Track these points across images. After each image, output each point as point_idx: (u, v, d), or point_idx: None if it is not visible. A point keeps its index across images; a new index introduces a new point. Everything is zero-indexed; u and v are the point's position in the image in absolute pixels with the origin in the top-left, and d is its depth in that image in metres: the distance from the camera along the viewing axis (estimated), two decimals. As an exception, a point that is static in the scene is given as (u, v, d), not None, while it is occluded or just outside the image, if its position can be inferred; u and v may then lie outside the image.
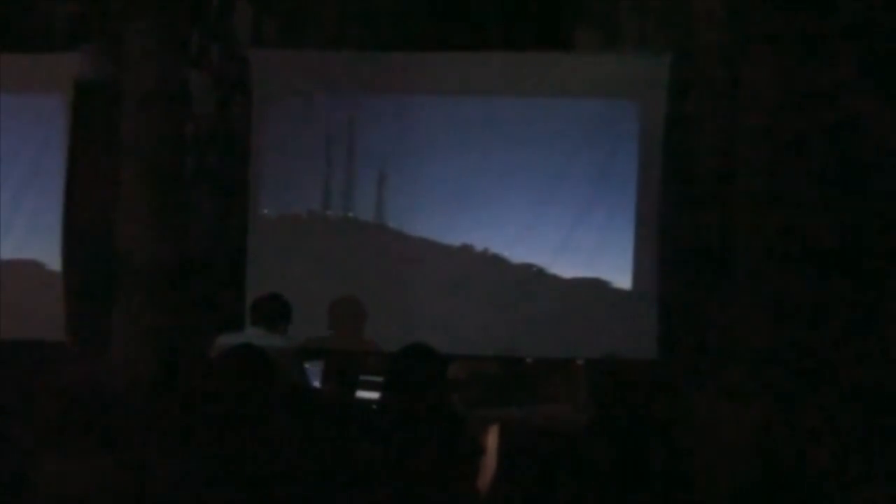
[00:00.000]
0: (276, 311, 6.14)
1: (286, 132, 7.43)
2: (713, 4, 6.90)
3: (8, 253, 7.46)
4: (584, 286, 7.26)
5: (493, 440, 4.32)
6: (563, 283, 7.27)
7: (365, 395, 5.81)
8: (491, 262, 7.32)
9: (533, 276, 7.28)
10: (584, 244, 7.23)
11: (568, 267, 7.27)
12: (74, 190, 7.53)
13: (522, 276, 7.28)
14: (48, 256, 7.48)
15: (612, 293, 7.24)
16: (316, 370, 6.23)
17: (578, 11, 7.76)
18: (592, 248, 7.24)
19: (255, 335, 5.81)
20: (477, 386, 6.49)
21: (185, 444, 3.81)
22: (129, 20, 6.97)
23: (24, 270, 7.43)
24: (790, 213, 6.64)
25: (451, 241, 7.34)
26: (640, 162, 7.23)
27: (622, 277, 7.28)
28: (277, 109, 7.45)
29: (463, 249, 7.34)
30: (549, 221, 7.26)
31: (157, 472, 3.68)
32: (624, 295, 7.24)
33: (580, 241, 7.24)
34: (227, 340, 5.69)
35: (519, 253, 7.30)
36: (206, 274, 7.67)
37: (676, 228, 7.21)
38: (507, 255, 7.31)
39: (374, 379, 5.77)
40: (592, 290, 7.24)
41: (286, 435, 3.91)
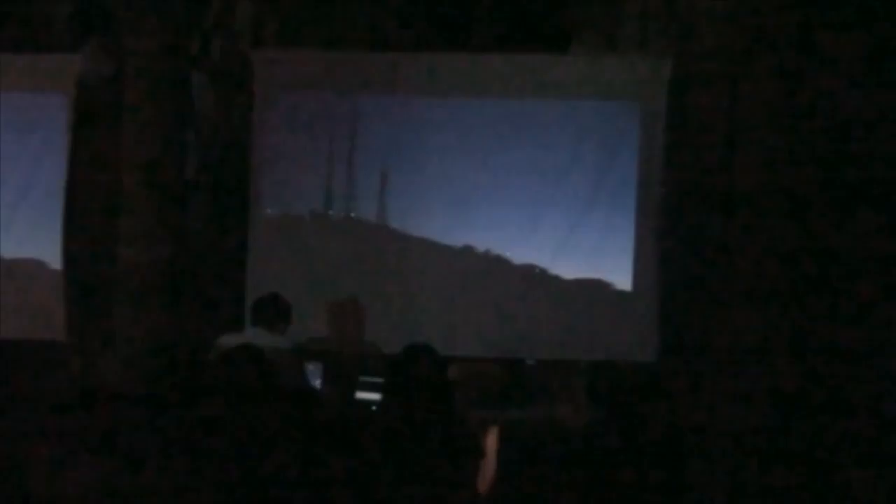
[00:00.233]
0: (276, 311, 6.15)
1: (287, 132, 7.43)
2: (713, 5, 6.89)
3: (8, 252, 7.46)
4: (584, 287, 7.25)
5: (492, 441, 4.31)
6: (563, 284, 7.27)
7: (365, 396, 5.81)
8: (491, 262, 7.31)
9: (533, 276, 7.27)
10: (584, 245, 7.23)
11: (568, 268, 7.26)
12: (75, 190, 7.53)
13: (523, 276, 7.28)
14: (49, 256, 7.48)
15: (612, 294, 7.24)
16: (316, 371, 6.23)
17: (579, 13, 7.75)
18: (592, 249, 7.23)
19: (255, 335, 5.81)
20: (477, 387, 6.48)
21: (184, 444, 3.81)
22: (129, 20, 6.98)
23: (24, 270, 7.43)
24: (790, 213, 6.65)
25: (451, 241, 7.34)
26: (640, 163, 7.23)
27: (622, 278, 7.27)
28: (278, 110, 7.45)
29: (463, 250, 7.33)
30: (549, 222, 7.26)
31: (156, 472, 3.68)
32: (624, 296, 7.24)
33: (580, 242, 7.23)
34: (227, 341, 5.69)
35: (519, 253, 7.30)
36: (206, 274, 7.66)
37: (677, 229, 7.20)
38: (507, 255, 7.31)
39: (373, 380, 5.77)
40: (592, 290, 7.24)
41: (286, 435, 3.91)
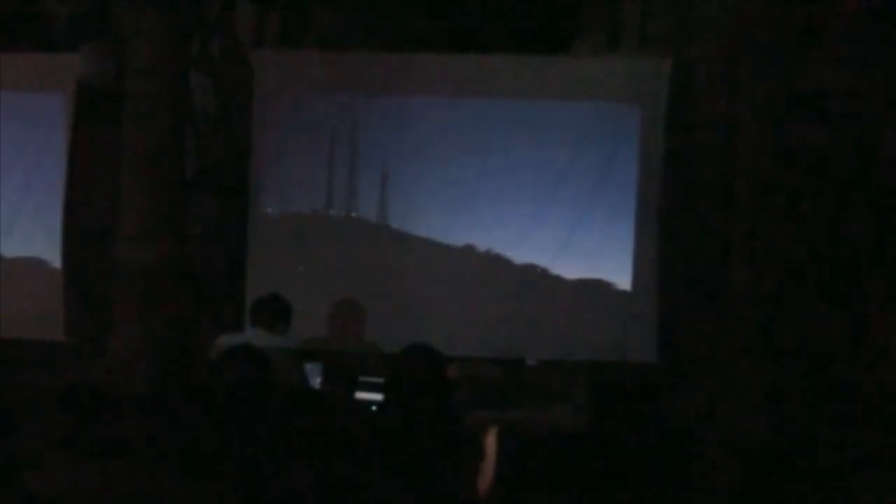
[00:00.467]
0: (275, 311, 6.14)
1: (287, 133, 7.44)
2: (713, 7, 6.90)
3: (9, 252, 7.46)
4: (583, 288, 7.26)
5: (491, 442, 4.31)
6: (563, 284, 7.28)
7: (365, 396, 5.81)
8: (492, 263, 7.32)
9: (533, 277, 7.28)
10: (584, 246, 7.24)
11: (568, 268, 7.27)
12: (75, 190, 7.53)
13: (523, 277, 7.29)
14: (49, 256, 7.48)
15: (611, 294, 7.25)
16: (316, 371, 6.23)
17: (580, 15, 7.77)
18: (593, 249, 7.24)
19: (254, 336, 5.81)
20: (476, 387, 6.48)
21: (183, 444, 3.81)
22: (129, 20, 6.98)
23: (25, 270, 7.43)
24: (790, 213, 6.65)
25: (451, 242, 7.34)
26: (640, 164, 7.24)
27: (622, 279, 7.28)
28: (278, 110, 7.46)
29: (464, 250, 7.34)
30: (549, 223, 7.27)
31: (155, 473, 3.68)
32: (624, 296, 7.25)
33: (581, 242, 7.24)
34: (226, 341, 5.69)
35: (519, 254, 7.31)
36: (206, 274, 7.67)
37: (676, 230, 7.21)
38: (507, 256, 7.32)
39: (373, 380, 5.77)
40: (592, 291, 7.25)
41: (286, 436, 3.91)
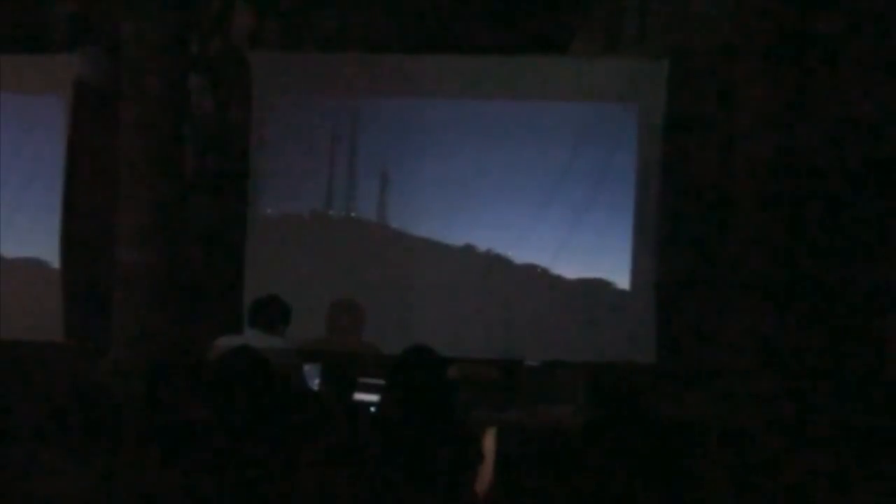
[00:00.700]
0: (274, 312, 6.12)
1: (285, 134, 7.44)
2: (711, 7, 6.90)
3: (8, 253, 7.45)
4: (582, 288, 7.26)
5: (490, 443, 4.32)
6: (561, 284, 7.28)
7: (363, 397, 5.80)
8: (491, 263, 7.32)
9: (532, 277, 7.28)
10: (583, 246, 7.24)
11: (567, 268, 7.27)
12: (73, 190, 7.53)
13: (522, 277, 7.29)
14: (48, 257, 7.48)
15: (609, 295, 7.25)
16: (314, 372, 6.22)
17: (577, 15, 7.76)
18: (591, 249, 7.24)
19: (253, 337, 5.79)
20: (475, 388, 6.48)
21: (182, 445, 3.81)
22: (128, 22, 6.98)
23: (24, 271, 7.43)
24: (788, 213, 6.66)
25: (451, 242, 7.34)
26: (638, 164, 7.24)
27: (621, 279, 7.28)
28: (277, 111, 7.46)
29: (462, 251, 7.34)
30: (548, 223, 7.27)
31: (154, 473, 3.68)
32: (622, 297, 7.25)
33: (579, 243, 7.24)
34: (225, 342, 5.68)
35: (518, 254, 7.31)
36: (204, 275, 7.66)
37: (675, 230, 7.21)
38: (506, 256, 7.32)
39: (372, 381, 5.77)
40: (590, 292, 7.25)
41: (284, 437, 3.91)
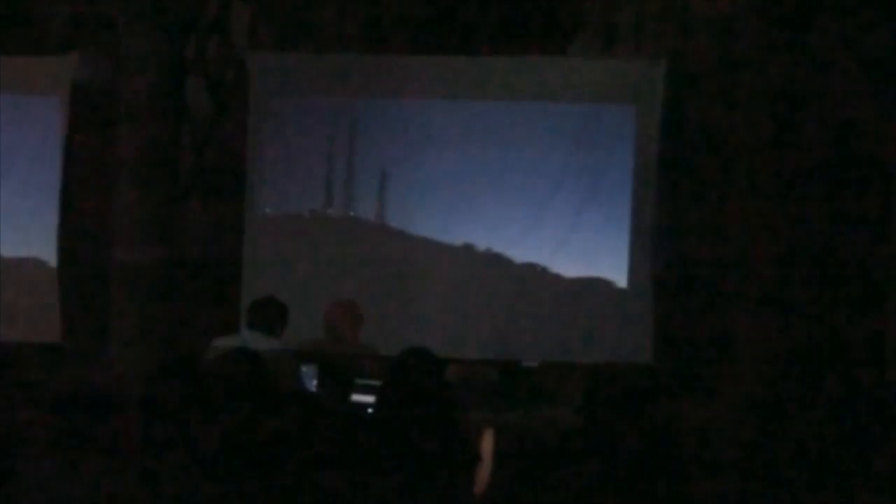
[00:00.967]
0: (272, 313, 6.11)
1: (284, 135, 7.44)
2: (708, 8, 6.91)
3: (5, 254, 7.45)
4: (581, 288, 7.27)
5: (488, 444, 4.31)
6: (560, 285, 7.29)
7: (361, 398, 5.79)
8: (489, 263, 7.33)
9: (530, 277, 7.29)
10: (581, 247, 7.25)
11: (565, 269, 7.29)
12: (71, 192, 7.53)
13: (520, 277, 7.30)
14: (46, 258, 7.48)
15: (607, 296, 7.26)
16: (311, 373, 6.21)
17: (575, 16, 7.77)
18: (589, 250, 7.25)
19: (250, 338, 5.79)
20: (473, 389, 6.48)
21: (180, 447, 3.81)
22: (125, 22, 6.98)
23: (21, 271, 7.43)
24: (787, 213, 6.67)
25: (449, 242, 7.35)
26: (635, 164, 7.26)
27: (619, 280, 7.29)
28: (275, 112, 7.46)
29: (461, 251, 7.34)
30: (546, 223, 7.28)
31: (152, 474, 3.68)
32: (620, 297, 7.25)
33: (577, 243, 7.25)
34: (222, 343, 5.68)
35: (517, 254, 7.32)
36: (201, 276, 7.66)
37: (672, 231, 7.21)
38: (504, 256, 7.33)
39: (370, 383, 5.76)
40: (589, 292, 7.26)
41: (282, 438, 3.90)
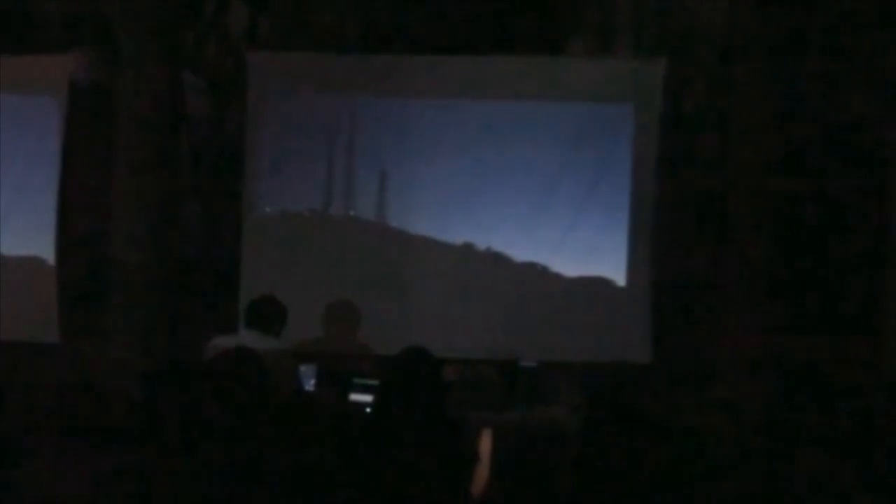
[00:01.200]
0: (271, 313, 6.10)
1: (284, 134, 7.43)
2: (707, 8, 6.92)
3: (3, 254, 7.45)
4: (578, 289, 7.28)
5: (486, 444, 4.31)
6: (558, 285, 7.29)
7: (359, 398, 5.79)
8: (488, 263, 7.33)
9: (529, 278, 7.29)
10: (579, 247, 7.25)
11: (564, 269, 7.29)
12: (69, 191, 7.52)
13: (519, 277, 7.30)
14: (44, 258, 7.47)
15: (606, 296, 7.26)
16: (310, 373, 6.21)
17: (574, 16, 7.77)
18: (588, 250, 7.26)
19: (248, 338, 5.78)
20: (471, 389, 6.48)
21: (179, 446, 3.81)
22: (122, 22, 6.98)
23: (19, 272, 7.42)
24: (785, 213, 6.67)
25: (449, 241, 7.35)
26: (634, 164, 7.26)
27: (617, 280, 7.30)
28: (274, 111, 7.45)
29: (460, 250, 7.34)
30: (545, 223, 7.28)
31: (151, 474, 3.67)
32: (618, 297, 7.26)
33: (576, 243, 7.25)
34: (221, 343, 5.67)
35: (515, 254, 7.32)
36: (200, 276, 7.66)
37: (671, 230, 7.22)
38: (503, 256, 7.33)
39: (368, 382, 5.76)
40: (588, 292, 7.26)
41: (280, 438, 3.90)
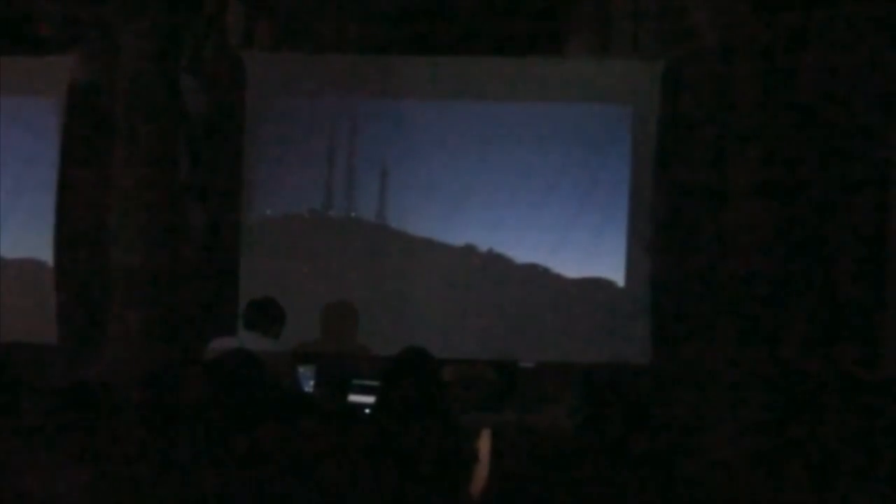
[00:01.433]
0: (269, 314, 6.11)
1: (283, 135, 7.43)
2: (705, 10, 6.92)
3: (4, 253, 7.45)
4: (578, 289, 7.28)
5: (485, 444, 4.31)
6: (557, 285, 7.29)
7: (358, 399, 5.80)
8: (487, 264, 7.33)
9: (528, 278, 7.30)
10: (577, 247, 7.26)
11: (562, 269, 7.29)
12: (68, 193, 7.52)
13: (517, 278, 7.30)
14: (42, 259, 7.47)
15: (604, 296, 7.27)
16: (309, 374, 6.21)
17: (573, 18, 7.79)
18: (586, 250, 7.26)
19: (247, 339, 5.78)
20: (471, 389, 6.48)
21: (177, 447, 3.81)
22: (123, 23, 6.98)
23: (17, 273, 7.42)
24: (783, 213, 6.68)
25: (449, 242, 7.35)
26: (632, 165, 7.27)
27: (615, 280, 7.30)
28: (273, 112, 7.45)
29: (460, 251, 7.35)
30: (543, 224, 7.29)
31: (150, 475, 3.68)
32: (617, 298, 7.26)
33: (574, 243, 7.26)
34: (220, 344, 5.67)
35: (514, 255, 7.33)
36: (199, 277, 7.66)
37: (669, 230, 7.22)
38: (502, 257, 7.33)
39: (367, 383, 5.77)
40: (586, 292, 7.27)
41: (279, 439, 3.91)
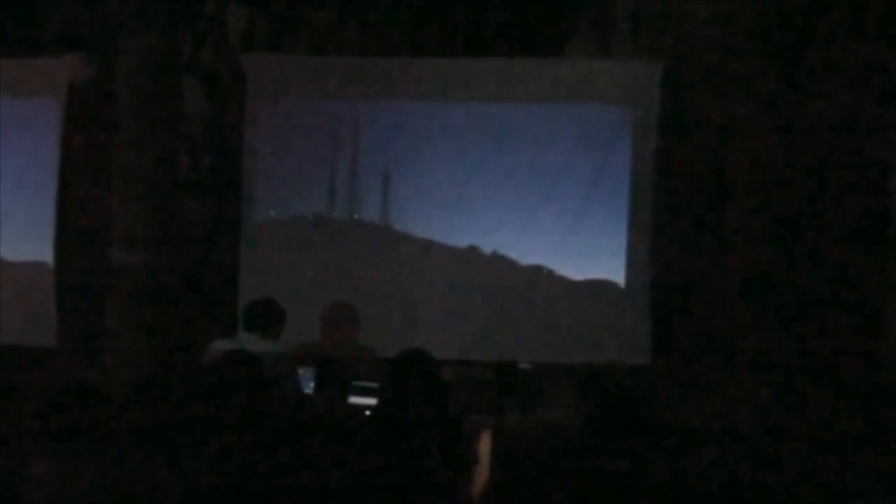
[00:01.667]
0: (269, 316, 6.09)
1: (284, 136, 7.43)
2: (704, 11, 6.92)
3: (4, 255, 7.45)
4: (578, 290, 7.28)
5: (486, 445, 4.31)
6: (557, 286, 7.29)
7: (358, 401, 5.80)
8: (487, 265, 7.33)
9: (528, 279, 7.30)
10: (578, 248, 7.26)
11: (563, 270, 7.29)
12: (68, 194, 7.52)
13: (518, 279, 7.30)
14: (42, 260, 7.47)
15: (605, 297, 7.27)
16: (309, 376, 6.21)
17: (573, 19, 7.78)
18: (587, 251, 7.26)
19: (247, 340, 5.77)
20: (471, 391, 6.48)
21: (177, 448, 3.81)
22: (122, 24, 6.99)
23: (17, 274, 7.42)
24: (783, 213, 6.67)
25: (452, 243, 7.36)
26: (632, 165, 7.26)
27: (616, 281, 7.30)
28: (273, 114, 7.45)
29: (462, 252, 7.35)
30: (543, 225, 7.28)
31: (149, 475, 3.68)
32: (617, 298, 7.26)
33: (575, 245, 7.26)
34: (220, 345, 5.67)
35: (515, 256, 7.33)
36: (199, 278, 7.65)
37: (669, 231, 7.22)
38: (502, 258, 7.33)
39: (368, 385, 5.77)
40: (587, 293, 7.27)
41: (278, 440, 3.90)
